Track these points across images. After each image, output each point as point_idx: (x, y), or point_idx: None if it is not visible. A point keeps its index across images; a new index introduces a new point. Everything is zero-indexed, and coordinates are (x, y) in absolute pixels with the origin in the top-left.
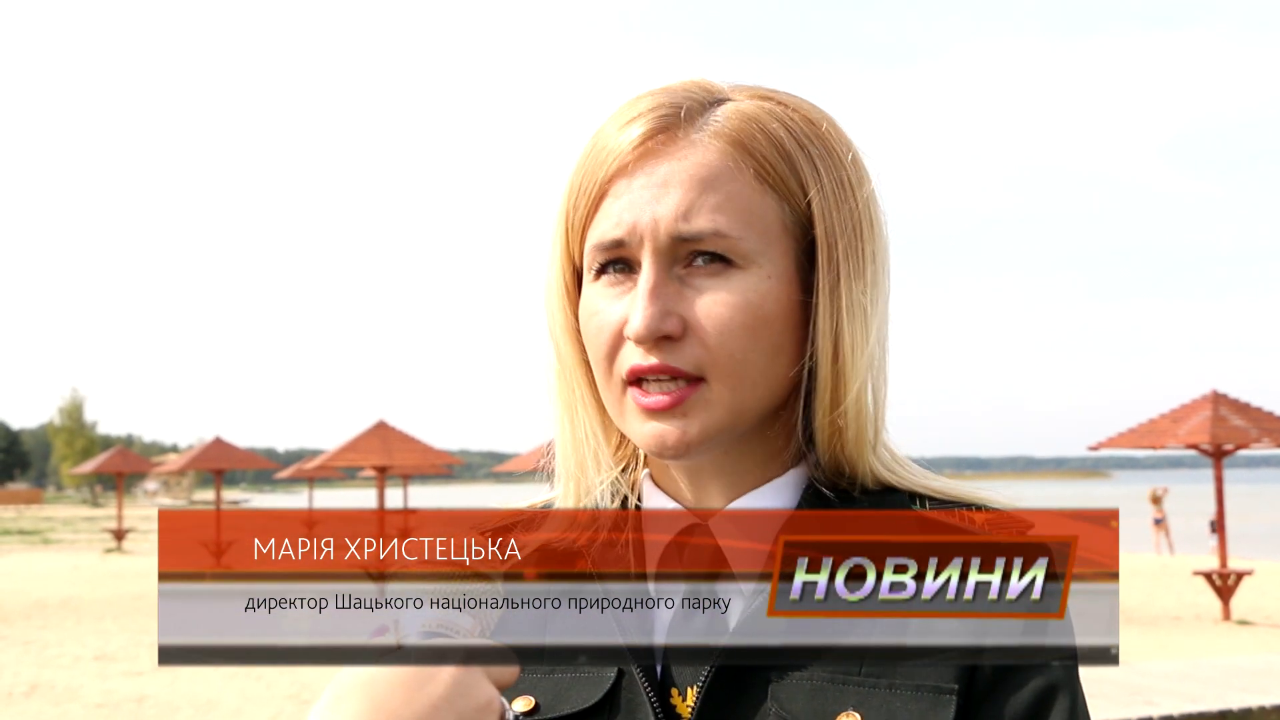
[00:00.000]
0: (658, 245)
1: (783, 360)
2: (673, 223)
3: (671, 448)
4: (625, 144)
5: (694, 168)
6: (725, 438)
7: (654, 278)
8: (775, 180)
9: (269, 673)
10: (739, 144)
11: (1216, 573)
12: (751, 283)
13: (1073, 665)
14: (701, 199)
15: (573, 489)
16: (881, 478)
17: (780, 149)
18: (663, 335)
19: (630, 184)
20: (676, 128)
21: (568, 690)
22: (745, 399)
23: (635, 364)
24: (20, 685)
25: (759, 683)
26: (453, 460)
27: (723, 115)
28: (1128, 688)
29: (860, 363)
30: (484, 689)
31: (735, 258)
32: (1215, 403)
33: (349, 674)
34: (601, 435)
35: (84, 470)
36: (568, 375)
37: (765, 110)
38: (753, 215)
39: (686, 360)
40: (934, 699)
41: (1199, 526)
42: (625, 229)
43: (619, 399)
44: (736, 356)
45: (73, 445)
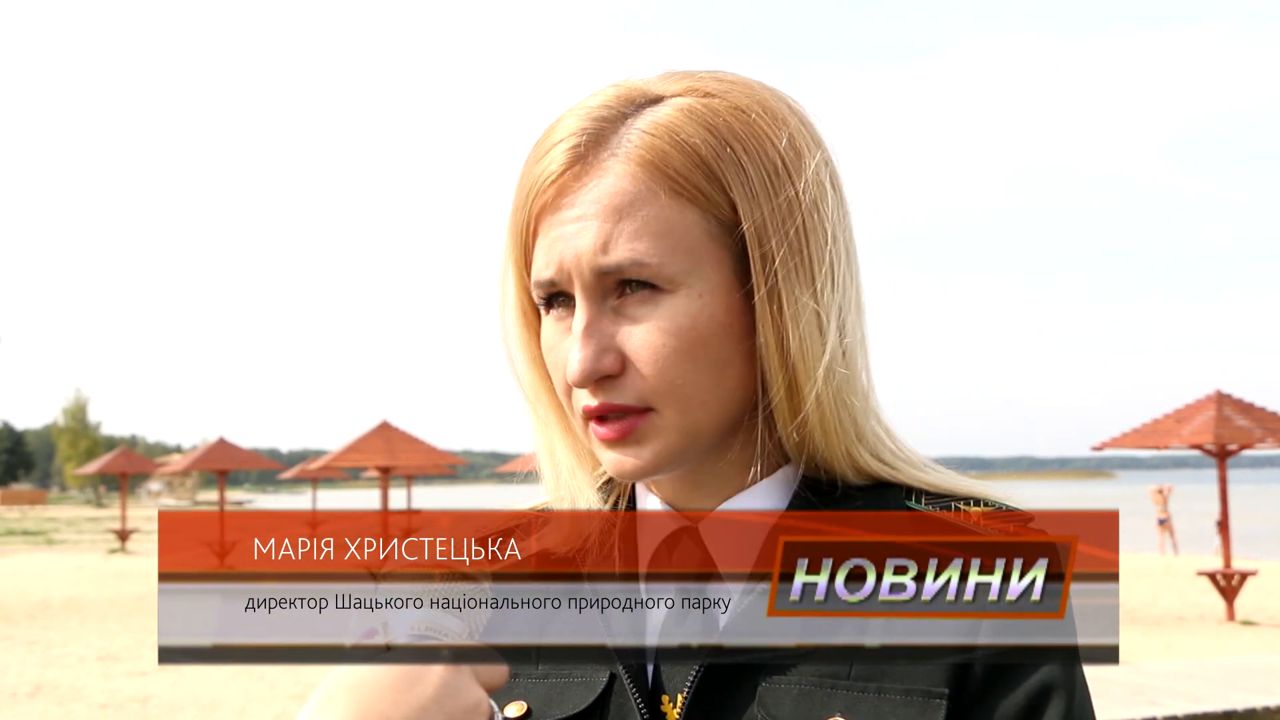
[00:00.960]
0: (585, 282)
1: (731, 373)
2: (592, 257)
3: (629, 473)
4: (543, 179)
5: (606, 196)
6: (685, 458)
7: (586, 317)
8: (692, 193)
9: (272, 672)
10: (648, 164)
11: (1220, 573)
12: (681, 305)
13: (1072, 665)
14: (618, 229)
15: (561, 497)
16: (872, 471)
17: (695, 157)
18: (602, 375)
19: (554, 220)
20: (588, 154)
21: (559, 695)
22: (697, 420)
23: (585, 404)
24: (25, 685)
25: (747, 687)
26: (456, 461)
27: (635, 132)
28: (1132, 688)
29: (814, 367)
30: (472, 690)
31: (661, 283)
32: (1219, 403)
33: (338, 675)
34: (576, 457)
35: (88, 471)
36: (536, 402)
37: (684, 113)
38: (674, 236)
39: (629, 395)
40: (924, 703)
41: (1203, 527)
42: (554, 268)
43: (584, 430)
44: (678, 382)
45: (77, 446)
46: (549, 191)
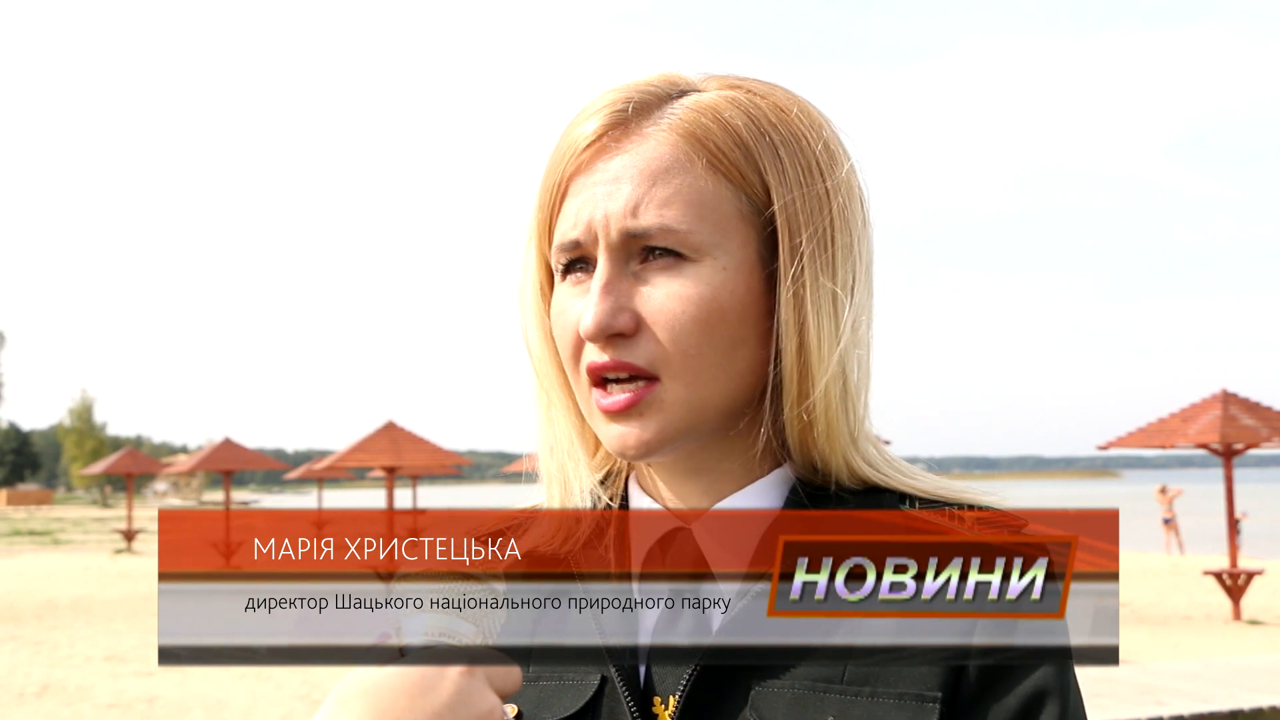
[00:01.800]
0: (610, 242)
1: (743, 354)
2: (622, 219)
3: (631, 448)
4: (580, 141)
5: (644, 161)
6: (689, 437)
7: (606, 275)
8: (729, 169)
9: (279, 673)
10: (690, 135)
11: (1227, 572)
12: (705, 275)
13: (1065, 669)
14: (650, 193)
15: (556, 493)
16: (865, 476)
17: (736, 137)
18: (615, 332)
19: (586, 181)
20: (630, 122)
21: (550, 698)
22: (704, 396)
23: (592, 361)
24: (31, 685)
25: (739, 690)
26: (462, 461)
27: (680, 107)
28: (1138, 688)
29: (829, 355)
30: (486, 696)
31: (687, 251)
32: (1225, 402)
33: (352, 680)
34: (579, 439)
35: (94, 471)
36: (543, 379)
37: (727, 99)
38: (705, 207)
39: (640, 356)
40: (917, 707)
41: (1209, 526)
42: (581, 228)
43: (587, 400)
44: (690, 352)
45: (83, 446)
46: (585, 154)
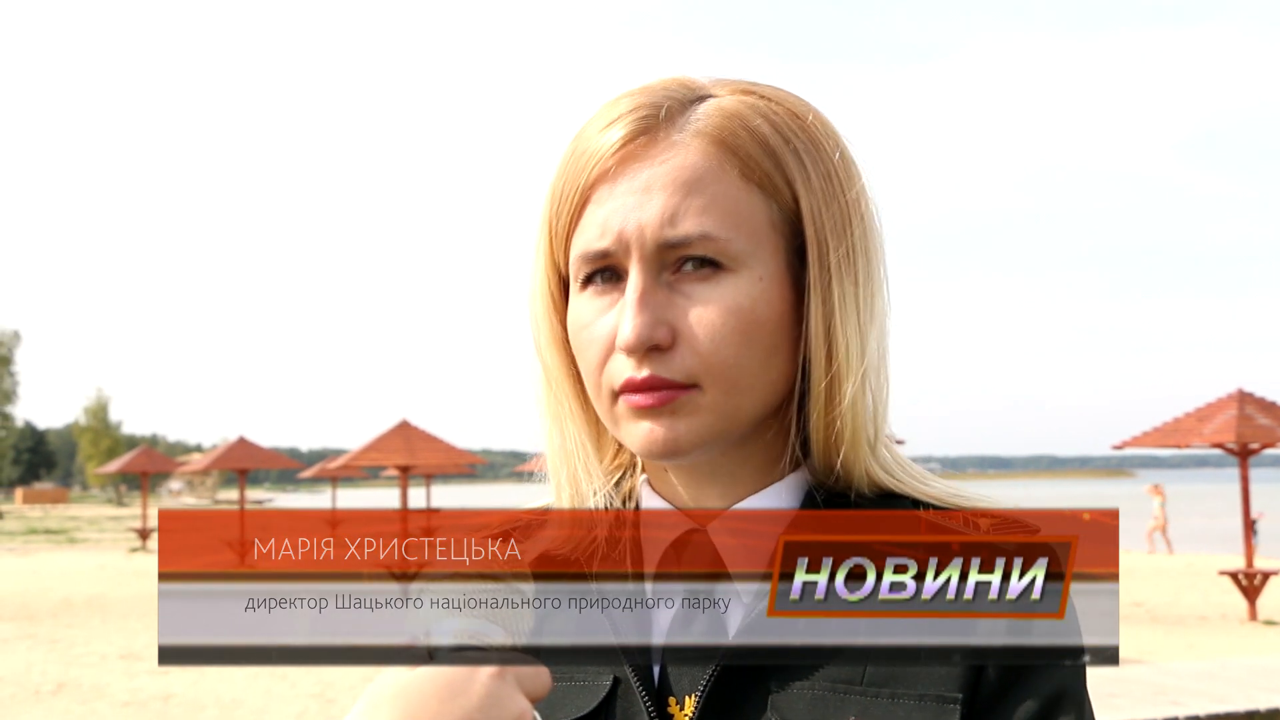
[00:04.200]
0: (645, 253)
1: (777, 363)
2: (659, 229)
3: (660, 445)
4: (606, 148)
5: (677, 170)
6: (718, 442)
7: (642, 285)
8: (761, 178)
9: (293, 672)
10: (721, 142)
11: (1243, 572)
12: (743, 286)
13: (1080, 670)
14: (687, 202)
15: (566, 498)
16: (881, 482)
17: (765, 145)
18: (653, 345)
19: (613, 190)
20: (657, 129)
21: (563, 698)
22: (740, 404)
23: (629, 377)
24: (48, 684)
25: (759, 692)
26: (475, 460)
27: (704, 113)
28: (1154, 688)
29: (855, 363)
30: (517, 700)
31: (725, 260)
32: (1241, 401)
33: (382, 682)
34: (592, 446)
35: (109, 470)
36: (555, 386)
37: (748, 105)
38: (740, 216)
39: (677, 370)
40: (937, 708)
41: (1226, 526)
42: (611, 238)
43: (610, 408)
44: (730, 363)
45: (98, 445)
46: (610, 161)
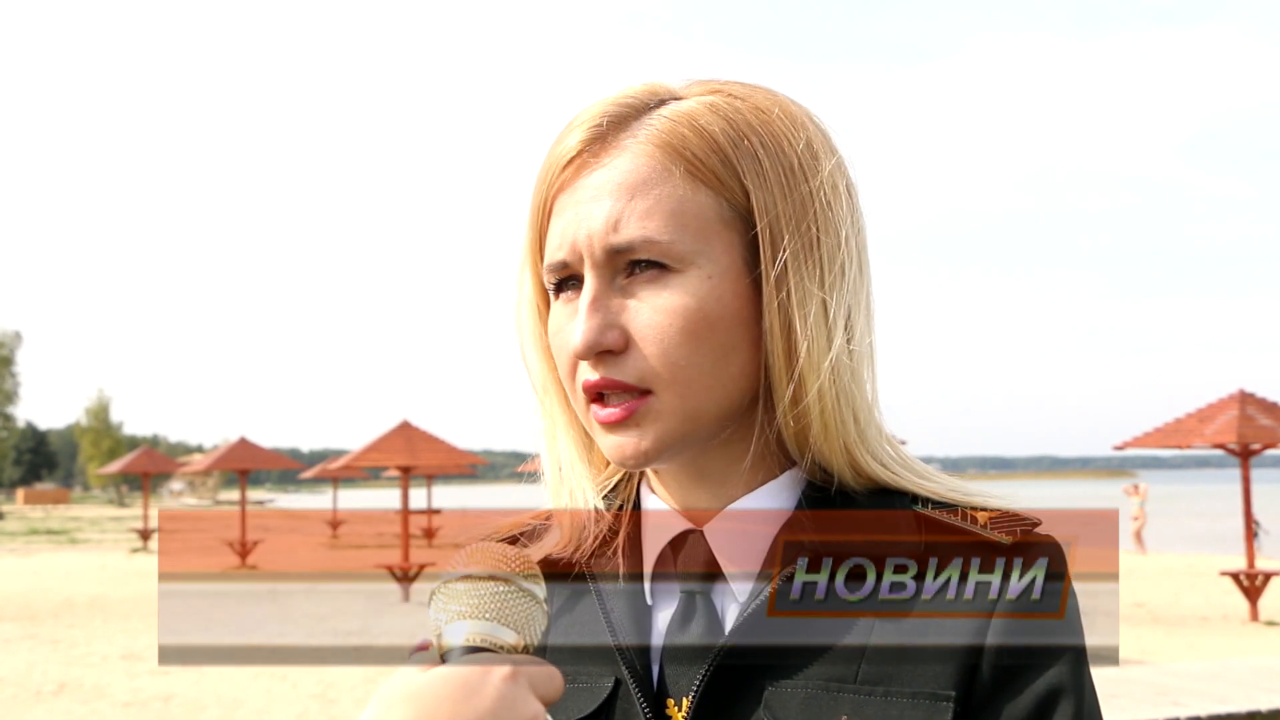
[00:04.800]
0: (595, 260)
1: (736, 360)
2: (604, 235)
3: (630, 458)
4: (561, 158)
5: (621, 175)
6: (686, 444)
7: (593, 292)
8: (707, 175)
9: (294, 672)
10: (666, 145)
11: (1244, 573)
12: (690, 285)
13: (1080, 668)
14: (629, 206)
15: (565, 502)
16: (875, 475)
17: (712, 142)
18: (604, 349)
19: (569, 199)
20: (607, 136)
21: (566, 700)
22: (699, 404)
23: (585, 379)
24: (49, 684)
25: (753, 691)
26: (476, 460)
27: (656, 117)
28: (1155, 688)
29: (819, 358)
30: (530, 702)
31: (670, 262)
32: (1242, 402)
33: (395, 683)
34: (583, 453)
35: (110, 470)
36: (544, 394)
37: (706, 105)
38: (686, 215)
39: (630, 373)
40: (930, 706)
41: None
42: (567, 249)
43: (586, 414)
44: (680, 364)
45: (99, 445)
46: (566, 172)
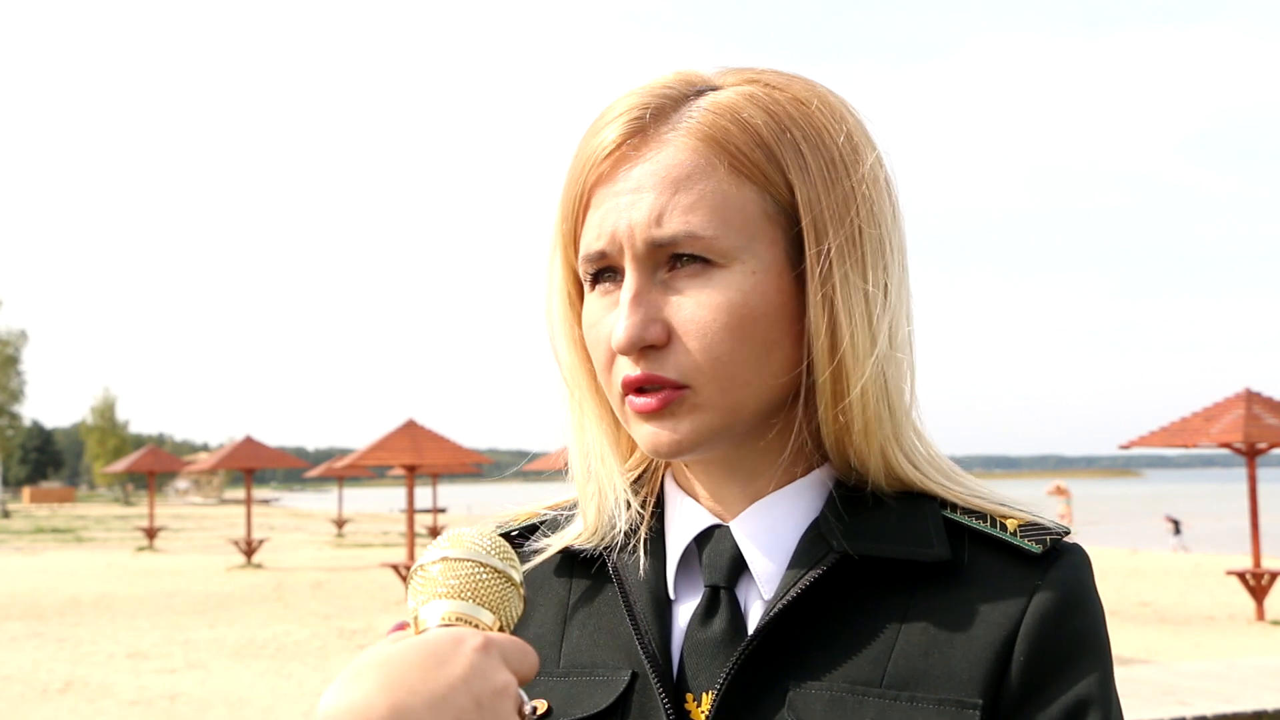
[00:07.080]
0: (636, 253)
1: (778, 356)
2: (646, 229)
3: (664, 446)
4: (600, 151)
5: (664, 169)
6: (722, 438)
7: (635, 287)
8: (751, 170)
9: (300, 670)
10: (709, 139)
11: (1250, 573)
12: (734, 280)
13: (1106, 679)
14: (673, 201)
15: (590, 492)
16: (905, 476)
17: (756, 136)
18: (646, 345)
19: (608, 191)
20: (648, 128)
21: (580, 693)
22: (739, 399)
23: (625, 375)
24: (55, 682)
25: (777, 690)
26: (482, 459)
27: (697, 110)
28: (1161, 688)
29: (864, 356)
30: (500, 673)
31: (714, 257)
32: (1248, 401)
33: (367, 653)
34: (611, 445)
35: (116, 469)
36: (574, 387)
37: (745, 96)
38: (730, 210)
39: (671, 368)
40: (957, 713)
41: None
42: (606, 239)
43: (620, 406)
44: (723, 359)
45: (105, 444)
46: (605, 163)
